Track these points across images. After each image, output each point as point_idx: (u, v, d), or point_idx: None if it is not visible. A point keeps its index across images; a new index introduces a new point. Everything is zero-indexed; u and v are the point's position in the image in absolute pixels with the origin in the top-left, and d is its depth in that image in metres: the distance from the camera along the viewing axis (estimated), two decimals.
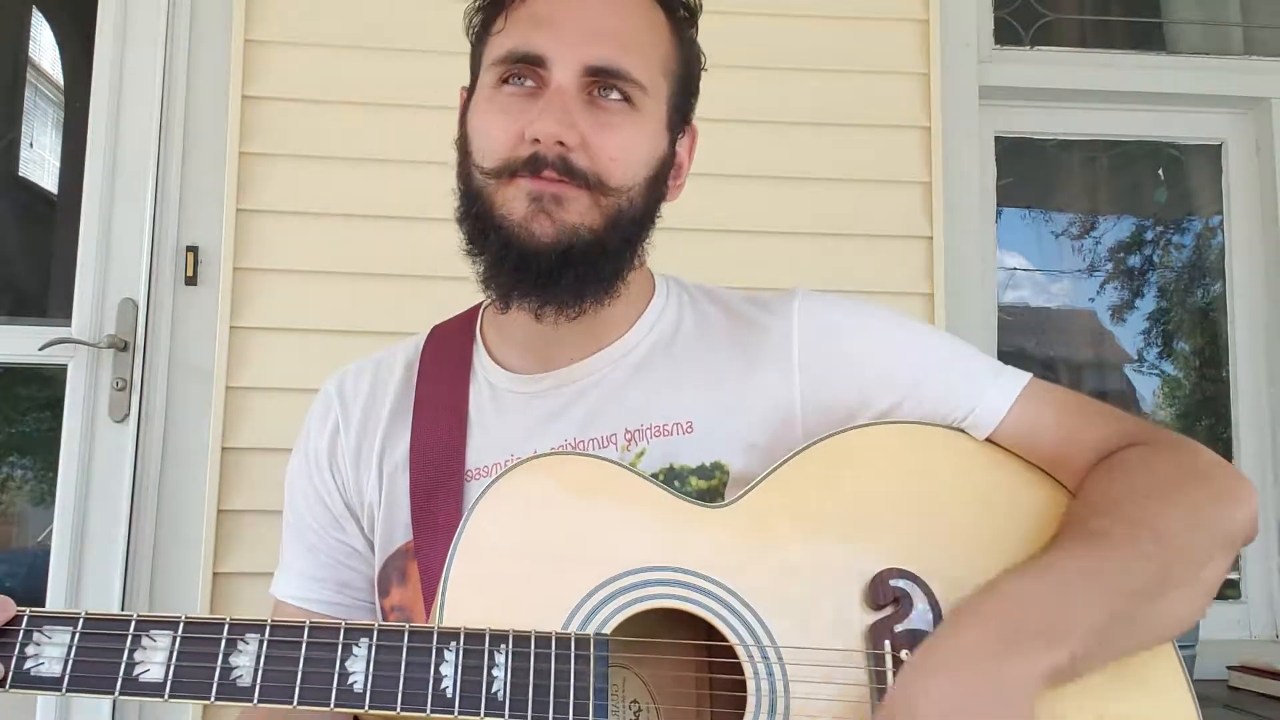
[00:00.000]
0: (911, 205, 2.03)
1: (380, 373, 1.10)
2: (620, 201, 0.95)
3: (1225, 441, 2.28)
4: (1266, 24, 2.39)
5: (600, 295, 0.97)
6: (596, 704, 0.78)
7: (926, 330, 1.07)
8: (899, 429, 0.98)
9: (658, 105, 0.98)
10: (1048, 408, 0.99)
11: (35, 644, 0.74)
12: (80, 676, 0.73)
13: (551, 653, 0.79)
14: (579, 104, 0.93)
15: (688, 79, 1.03)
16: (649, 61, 0.96)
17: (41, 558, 1.90)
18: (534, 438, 1.00)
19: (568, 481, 0.88)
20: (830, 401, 0.99)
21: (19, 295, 2.41)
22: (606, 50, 0.94)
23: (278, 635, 0.76)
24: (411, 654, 0.77)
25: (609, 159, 0.93)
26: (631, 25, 0.97)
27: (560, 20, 0.95)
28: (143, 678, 0.74)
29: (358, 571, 1.08)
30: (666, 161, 1.00)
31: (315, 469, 1.08)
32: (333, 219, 1.94)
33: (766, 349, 1.01)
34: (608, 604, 0.83)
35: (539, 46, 0.94)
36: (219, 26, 1.97)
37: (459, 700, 0.76)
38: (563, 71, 0.93)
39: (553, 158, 0.91)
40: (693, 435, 0.99)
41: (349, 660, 0.76)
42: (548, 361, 1.03)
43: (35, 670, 0.73)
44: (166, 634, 0.75)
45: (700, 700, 0.90)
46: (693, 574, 0.86)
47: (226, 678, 0.75)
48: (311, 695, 0.75)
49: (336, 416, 1.08)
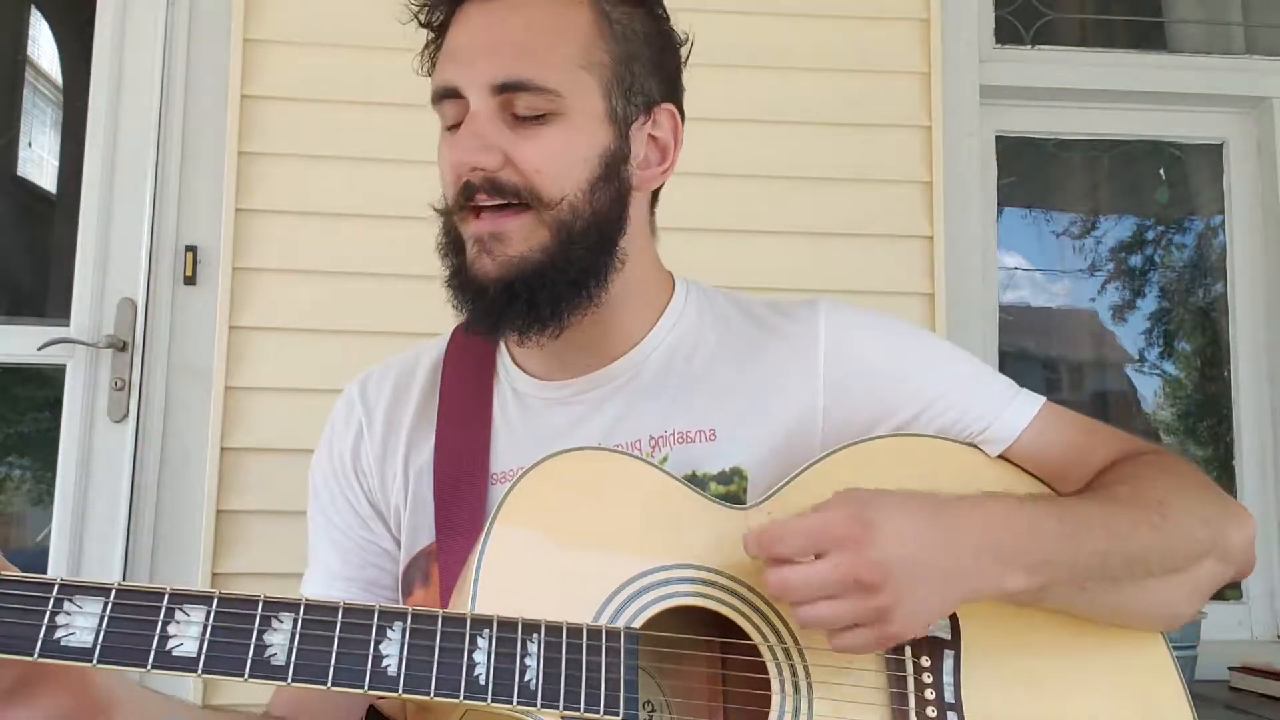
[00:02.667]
0: (912, 205, 2.03)
1: (403, 376, 1.10)
2: (561, 212, 0.94)
3: (1226, 442, 2.28)
4: (1267, 23, 2.38)
5: (577, 306, 0.96)
6: (627, 696, 0.78)
7: (948, 346, 1.08)
8: (917, 441, 0.99)
9: (586, 101, 0.95)
10: (1062, 428, 1.01)
11: (66, 613, 0.72)
12: (112, 648, 0.72)
13: (583, 644, 0.79)
14: (498, 124, 0.93)
15: (630, 63, 0.98)
16: (560, 62, 0.94)
17: (40, 558, 1.90)
18: (558, 443, 0.99)
19: (597, 477, 0.89)
20: (851, 411, 1.00)
21: (17, 295, 2.41)
22: (508, 64, 0.93)
23: (312, 614, 0.76)
24: (445, 639, 0.77)
25: (534, 171, 0.93)
26: (533, 30, 0.95)
27: (464, 47, 0.96)
28: (176, 652, 0.72)
29: (386, 570, 1.08)
30: (616, 154, 0.97)
31: (340, 472, 1.09)
32: (332, 219, 1.94)
33: (790, 358, 1.02)
34: (636, 600, 0.84)
35: (451, 79, 0.95)
36: (218, 26, 1.97)
37: (492, 688, 0.76)
38: (474, 96, 0.93)
39: (478, 182, 0.93)
40: (715, 443, 0.99)
41: (383, 644, 0.76)
42: (569, 368, 1.03)
43: (66, 640, 0.71)
44: (201, 609, 0.74)
45: (713, 700, 0.91)
46: (718, 573, 0.87)
47: (261, 654, 0.73)
48: (345, 676, 0.74)
49: (360, 419, 1.08)
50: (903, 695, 0.86)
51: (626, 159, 0.98)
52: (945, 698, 0.87)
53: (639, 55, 0.99)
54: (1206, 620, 1.87)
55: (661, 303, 1.06)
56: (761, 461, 0.98)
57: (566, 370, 1.03)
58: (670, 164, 1.03)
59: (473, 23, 0.96)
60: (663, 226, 1.06)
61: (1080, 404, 2.27)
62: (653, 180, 1.02)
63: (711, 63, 2.09)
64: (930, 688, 0.87)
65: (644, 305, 1.04)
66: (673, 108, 1.03)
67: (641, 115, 1.00)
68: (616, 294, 0.99)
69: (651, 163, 1.02)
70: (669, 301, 1.06)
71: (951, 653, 0.89)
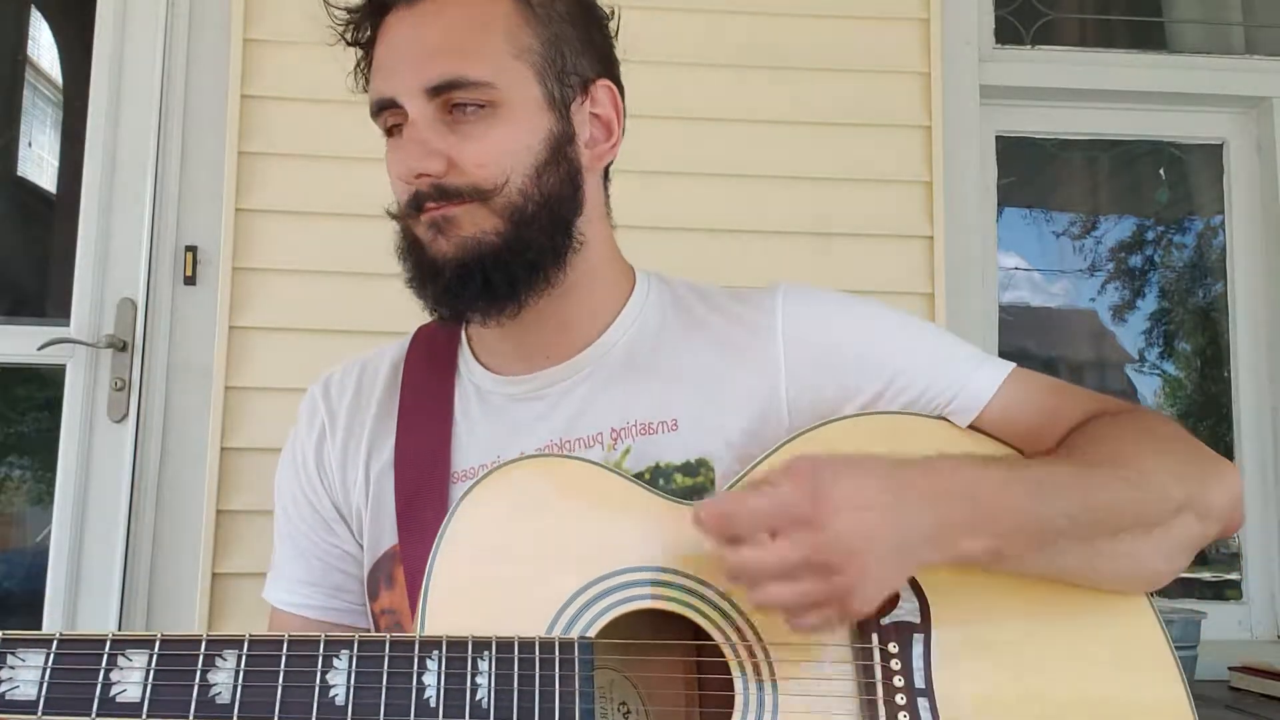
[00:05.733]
0: (911, 205, 2.03)
1: (365, 376, 1.10)
2: (510, 198, 0.94)
3: (1226, 441, 2.28)
4: (1267, 23, 2.38)
5: (532, 288, 0.96)
6: (583, 708, 0.77)
7: (909, 318, 1.06)
8: (884, 419, 0.98)
9: (522, 90, 0.95)
10: (1031, 392, 0.99)
11: (10, 667, 0.73)
12: (56, 699, 0.73)
13: (535, 658, 0.78)
14: (438, 128, 0.94)
15: (559, 44, 0.98)
16: (489, 54, 0.94)
17: (40, 558, 1.89)
18: (520, 438, 1.00)
19: (548, 484, 0.88)
20: (816, 393, 0.99)
21: (18, 295, 2.40)
22: (437, 66, 0.93)
23: (256, 650, 0.75)
24: (393, 664, 0.76)
25: (477, 167, 0.93)
26: (456, 28, 0.95)
27: (393, 57, 0.96)
28: (120, 698, 0.73)
29: (350, 575, 1.07)
30: (560, 136, 0.97)
31: (303, 473, 1.08)
32: (332, 219, 1.94)
33: (751, 344, 1.01)
34: (592, 606, 0.83)
35: (385, 91, 0.96)
36: (218, 25, 1.97)
37: (443, 709, 0.75)
38: (410, 104, 0.94)
39: (426, 189, 0.94)
40: (678, 432, 0.98)
41: (330, 673, 0.75)
42: (529, 362, 1.03)
43: (10, 694, 0.72)
44: (143, 653, 0.74)
45: (690, 700, 0.90)
46: (678, 573, 0.86)
47: (205, 695, 0.74)
48: (292, 710, 0.74)
49: (323, 420, 1.08)
50: (871, 685, 0.85)
51: (571, 139, 0.98)
52: (915, 683, 0.85)
53: (566, 36, 0.99)
54: (1206, 620, 1.86)
55: (623, 294, 1.05)
56: (728, 451, 0.97)
57: (528, 364, 1.03)
58: (617, 140, 1.03)
59: (397, 33, 0.97)
60: (662, 227, 1.07)
61: None
62: (603, 157, 1.02)
63: (712, 63, 2.10)
64: (899, 674, 0.85)
65: (605, 295, 1.04)
66: (609, 83, 1.02)
67: (579, 95, 1.00)
68: (576, 279, 0.99)
69: (598, 140, 1.02)
70: (630, 293, 1.06)
71: (921, 636, 0.87)
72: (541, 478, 0.89)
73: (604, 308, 1.04)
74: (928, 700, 0.84)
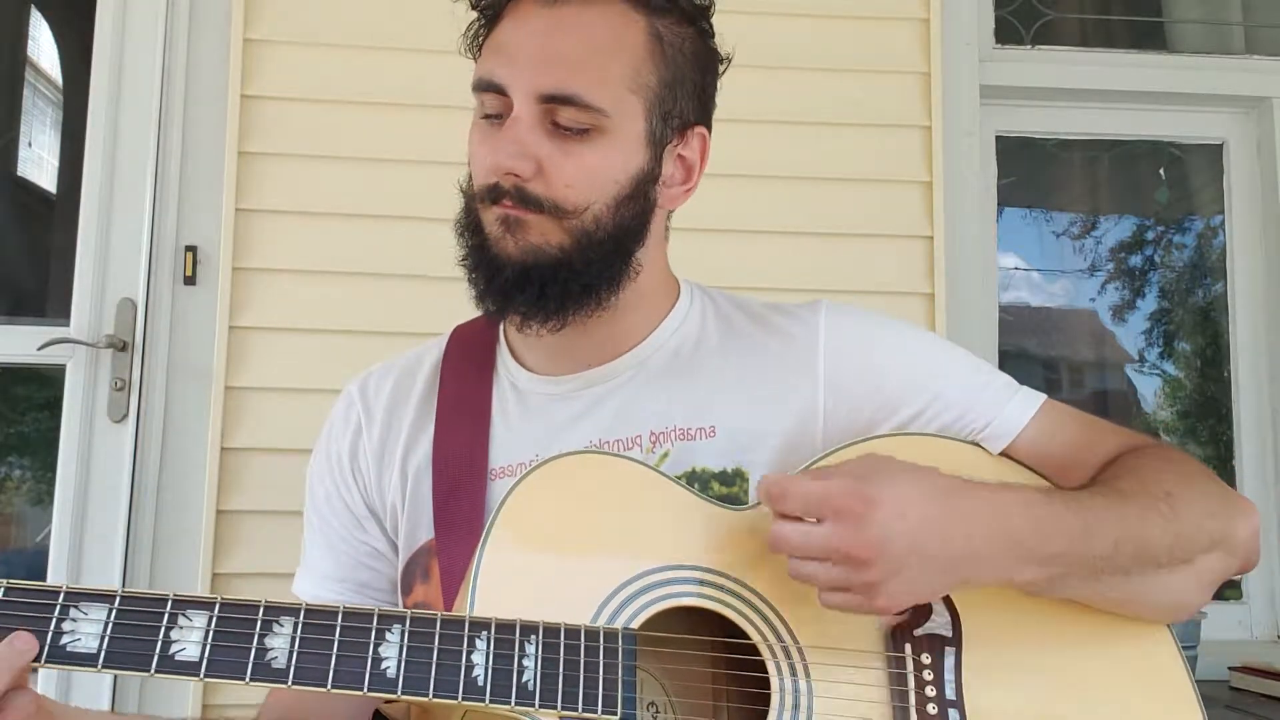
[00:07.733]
0: (911, 205, 2.03)
1: (404, 375, 1.11)
2: (584, 222, 0.94)
3: (1226, 441, 2.28)
4: (1267, 23, 2.38)
5: (582, 308, 0.97)
6: (625, 696, 0.79)
7: (948, 345, 1.09)
8: (918, 439, 1.00)
9: (628, 123, 0.95)
10: (1062, 424, 1.02)
11: (72, 620, 0.74)
12: (115, 653, 0.74)
13: (581, 644, 0.80)
14: (539, 132, 0.93)
15: (675, 86, 0.98)
16: (610, 82, 0.94)
17: (40, 558, 1.89)
18: (559, 437, 1.00)
19: (599, 478, 0.90)
20: (852, 411, 1.01)
21: (18, 295, 2.40)
22: (558, 77, 0.93)
23: (312, 618, 0.77)
24: (444, 641, 0.78)
25: (564, 185, 0.93)
26: (588, 46, 0.94)
27: (516, 47, 0.95)
28: (179, 656, 0.74)
29: (378, 572, 1.08)
30: (647, 175, 0.98)
31: (337, 470, 1.09)
32: (332, 219, 1.94)
33: (792, 357, 1.03)
34: (634, 600, 0.84)
35: (498, 76, 0.95)
36: (218, 25, 1.97)
37: (490, 689, 0.77)
38: (519, 100, 0.94)
39: (508, 188, 0.94)
40: (715, 440, 1.00)
41: (382, 646, 0.77)
42: (570, 363, 1.03)
43: (71, 646, 0.73)
44: (203, 614, 0.76)
45: (716, 700, 0.91)
46: (717, 573, 0.87)
47: (262, 658, 0.75)
48: (345, 679, 0.76)
49: (359, 417, 1.09)
50: (903, 693, 0.87)
51: (656, 179, 0.99)
52: (946, 694, 0.87)
53: (683, 79, 0.99)
54: (1206, 620, 1.87)
55: (667, 304, 1.07)
56: (762, 460, 0.99)
57: (568, 365, 1.03)
58: (694, 184, 1.04)
59: (530, 24, 0.95)
60: None
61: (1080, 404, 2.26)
62: (675, 199, 1.03)
63: None
64: (931, 684, 0.87)
65: (651, 307, 1.05)
66: (704, 130, 1.03)
67: (675, 137, 1.00)
68: (626, 299, 1.00)
69: (676, 181, 1.02)
70: (675, 303, 1.07)
71: (953, 649, 0.89)
72: (592, 472, 0.91)
73: (648, 317, 1.05)
74: (958, 711, 0.87)
